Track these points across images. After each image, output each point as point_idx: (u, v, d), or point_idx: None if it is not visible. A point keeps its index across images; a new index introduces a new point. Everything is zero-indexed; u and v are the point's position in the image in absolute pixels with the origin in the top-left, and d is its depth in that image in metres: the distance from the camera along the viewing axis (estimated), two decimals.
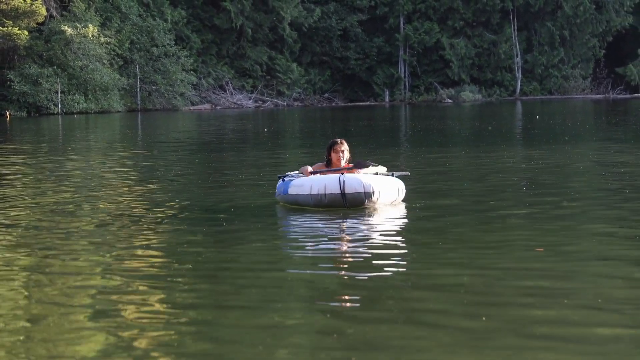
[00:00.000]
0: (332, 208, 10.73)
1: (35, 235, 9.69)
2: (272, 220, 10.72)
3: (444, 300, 6.53)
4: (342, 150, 11.37)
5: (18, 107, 60.42)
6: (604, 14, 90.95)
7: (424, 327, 5.86)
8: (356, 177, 10.72)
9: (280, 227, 10.38)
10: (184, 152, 23.98)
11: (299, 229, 9.96)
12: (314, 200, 10.77)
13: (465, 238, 9.06)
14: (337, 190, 10.62)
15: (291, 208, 11.03)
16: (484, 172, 16.03)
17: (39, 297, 6.85)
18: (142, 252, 8.62)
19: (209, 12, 78.39)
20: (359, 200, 10.69)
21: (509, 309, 6.23)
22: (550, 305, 6.28)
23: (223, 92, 78.26)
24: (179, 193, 13.59)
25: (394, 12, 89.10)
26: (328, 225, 9.97)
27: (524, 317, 6.01)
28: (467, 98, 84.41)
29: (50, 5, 64.26)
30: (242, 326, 5.95)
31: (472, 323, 5.89)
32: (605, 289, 6.81)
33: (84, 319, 6.19)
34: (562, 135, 27.59)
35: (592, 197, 12.30)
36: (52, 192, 13.95)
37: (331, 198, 10.67)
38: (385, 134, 33.07)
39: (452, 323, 5.91)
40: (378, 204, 10.86)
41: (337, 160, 11.37)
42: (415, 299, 6.61)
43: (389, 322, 5.96)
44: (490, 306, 6.31)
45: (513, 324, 5.83)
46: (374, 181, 10.78)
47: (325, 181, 10.71)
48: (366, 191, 10.66)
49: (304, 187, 10.89)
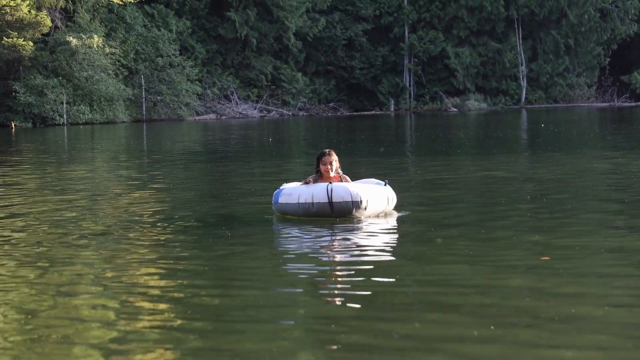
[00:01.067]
0: (320, 217, 10.69)
1: (38, 245, 9.67)
2: (272, 231, 10.69)
3: (448, 310, 6.50)
4: (330, 161, 11.32)
5: (23, 118, 60.48)
6: (608, 22, 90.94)
7: (425, 341, 5.83)
8: (344, 186, 10.67)
9: (283, 238, 10.34)
10: (189, 162, 23.98)
11: (300, 239, 9.92)
12: (302, 209, 10.75)
13: (469, 246, 9.03)
14: (324, 199, 10.58)
15: (292, 219, 10.97)
16: (488, 181, 15.99)
17: (41, 307, 6.84)
18: (144, 263, 8.60)
19: (213, 22, 78.50)
20: (347, 209, 10.64)
21: (516, 324, 6.20)
22: (556, 321, 6.24)
23: (228, 102, 78.31)
24: (182, 203, 13.58)
25: (399, 22, 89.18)
26: (331, 237, 9.93)
27: (531, 336, 5.98)
28: (473, 107, 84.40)
29: (55, 16, 64.38)
30: (244, 338, 5.93)
31: (479, 345, 5.86)
32: (612, 298, 6.78)
33: (86, 331, 6.17)
34: (567, 144, 27.55)
35: (597, 207, 12.26)
36: (55, 202, 13.94)
37: (319, 207, 10.63)
38: (390, 143, 33.05)
39: (456, 337, 5.89)
40: (366, 213, 10.80)
41: (326, 171, 11.32)
42: (416, 313, 6.58)
43: (391, 338, 5.94)
44: (496, 323, 6.28)
45: (521, 341, 5.80)
46: (362, 190, 10.71)
47: (313, 190, 10.70)
48: (354, 200, 10.60)
49: (292, 196, 10.86)
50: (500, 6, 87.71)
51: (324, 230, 10.22)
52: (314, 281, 7.70)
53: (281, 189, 11.21)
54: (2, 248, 9.59)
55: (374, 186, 11.09)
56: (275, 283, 7.68)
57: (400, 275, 7.72)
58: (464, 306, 6.59)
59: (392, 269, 8.08)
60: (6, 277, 8.05)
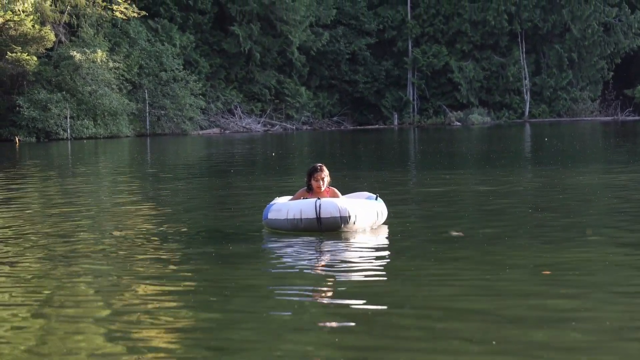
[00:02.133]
0: (309, 232, 10.70)
1: (41, 259, 9.65)
2: (273, 244, 10.66)
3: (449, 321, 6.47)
4: (322, 177, 11.34)
5: (27, 133, 60.55)
6: (612, 36, 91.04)
7: (425, 353, 5.79)
8: (332, 202, 10.68)
9: (283, 252, 10.31)
10: (191, 176, 23.97)
11: (300, 254, 9.89)
12: (290, 224, 10.76)
13: (470, 259, 8.99)
14: (312, 214, 10.59)
15: (288, 234, 10.92)
16: (490, 195, 15.95)
17: (44, 321, 6.81)
18: (146, 275, 8.58)
19: (217, 37, 78.67)
20: (335, 224, 10.63)
21: (516, 332, 6.15)
22: (558, 331, 6.20)
23: (232, 116, 78.43)
24: (184, 216, 13.56)
25: (402, 36, 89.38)
26: (331, 251, 9.90)
27: (532, 343, 5.93)
28: (476, 121, 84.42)
29: (58, 31, 64.56)
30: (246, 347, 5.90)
31: (480, 348, 5.82)
32: (613, 313, 6.74)
33: (88, 342, 6.14)
34: (570, 158, 27.51)
35: (601, 221, 12.22)
36: (58, 216, 13.93)
37: (307, 222, 10.64)
38: (394, 157, 33.03)
39: (458, 348, 5.85)
40: (355, 228, 10.78)
41: (317, 187, 11.35)
42: (417, 323, 6.54)
43: (390, 350, 5.90)
44: (500, 329, 6.24)
45: (520, 349, 5.76)
46: (350, 205, 10.71)
47: (301, 206, 10.72)
48: (342, 215, 10.60)
49: (281, 212, 10.88)
50: (503, 20, 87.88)
51: (322, 245, 10.18)
52: (302, 304, 7.66)
53: (271, 204, 11.24)
54: (3, 264, 9.58)
55: (363, 201, 11.10)
56: (273, 304, 7.65)
57: (393, 296, 7.69)
58: (469, 330, 6.55)
59: (384, 287, 8.04)
60: (7, 288, 8.04)
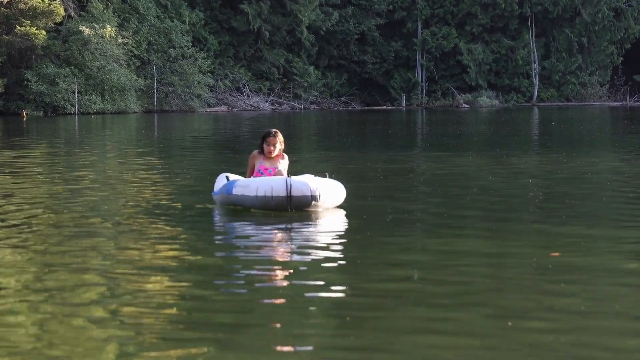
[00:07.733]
0: (277, 211, 10.75)
1: (45, 234, 9.68)
2: (275, 222, 10.67)
3: (454, 311, 6.47)
4: (275, 142, 11.45)
5: (35, 107, 60.58)
6: (622, 21, 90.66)
7: (429, 338, 5.80)
8: (303, 181, 10.78)
9: (282, 231, 10.31)
10: (197, 152, 23.97)
11: (293, 232, 9.90)
12: (260, 202, 10.79)
13: (476, 243, 9.00)
14: (283, 192, 10.65)
15: (263, 212, 10.87)
16: (497, 178, 15.93)
17: (48, 298, 6.83)
18: (142, 260, 8.61)
19: (226, 14, 78.47)
20: (305, 203, 10.74)
21: (523, 318, 6.16)
22: (566, 317, 6.21)
23: (240, 95, 78.32)
24: (182, 193, 13.58)
25: (412, 17, 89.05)
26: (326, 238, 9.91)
27: (541, 330, 5.94)
28: (484, 103, 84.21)
29: (68, 6, 64.45)
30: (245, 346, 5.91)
31: (488, 338, 5.82)
32: (622, 298, 6.75)
33: (90, 323, 6.15)
34: (577, 143, 27.45)
35: (609, 204, 12.21)
36: (63, 190, 13.96)
37: (278, 200, 10.69)
38: (401, 137, 32.99)
39: (464, 333, 5.85)
40: (322, 206, 10.89)
41: (269, 152, 11.45)
42: (421, 309, 6.55)
43: (391, 342, 5.90)
44: (505, 316, 6.25)
45: (527, 337, 5.76)
46: (320, 184, 10.85)
47: (272, 183, 10.76)
48: (312, 194, 10.70)
49: (249, 188, 10.88)
50: (513, 3, 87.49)
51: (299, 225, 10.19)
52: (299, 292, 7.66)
53: (234, 180, 11.22)
54: (10, 236, 9.60)
55: (329, 180, 11.23)
56: (275, 292, 7.66)
57: (405, 285, 7.69)
58: (475, 317, 6.55)
59: (399, 278, 8.05)
60: (11, 263, 8.06)
